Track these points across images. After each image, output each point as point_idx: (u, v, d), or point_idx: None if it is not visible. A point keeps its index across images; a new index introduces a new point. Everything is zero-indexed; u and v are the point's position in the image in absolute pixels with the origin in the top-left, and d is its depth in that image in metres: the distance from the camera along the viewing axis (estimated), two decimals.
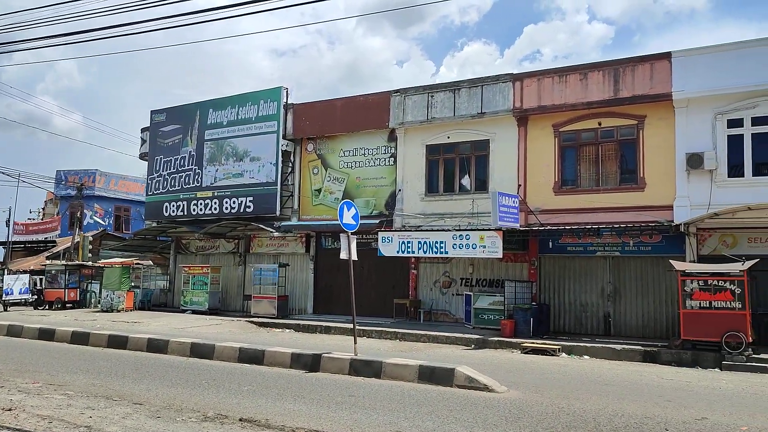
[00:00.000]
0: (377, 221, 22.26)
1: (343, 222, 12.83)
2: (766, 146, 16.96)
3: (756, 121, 17.12)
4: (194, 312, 24.86)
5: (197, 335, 16.75)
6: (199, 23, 13.98)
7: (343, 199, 20.77)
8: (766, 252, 16.61)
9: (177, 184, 27.74)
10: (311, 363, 12.07)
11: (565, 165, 19.93)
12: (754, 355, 14.32)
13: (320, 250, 24.75)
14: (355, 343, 12.59)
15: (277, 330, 20.63)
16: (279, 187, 24.79)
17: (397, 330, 18.81)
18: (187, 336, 16.01)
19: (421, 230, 20.34)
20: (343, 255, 13.02)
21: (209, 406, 8.53)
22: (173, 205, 27.64)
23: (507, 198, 18.50)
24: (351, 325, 13.07)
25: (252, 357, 12.93)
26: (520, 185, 20.20)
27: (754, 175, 17.06)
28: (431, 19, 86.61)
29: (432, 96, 22.07)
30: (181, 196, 27.45)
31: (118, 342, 15.31)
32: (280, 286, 23.44)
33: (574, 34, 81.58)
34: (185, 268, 26.34)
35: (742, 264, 14.92)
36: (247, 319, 22.20)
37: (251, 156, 25.64)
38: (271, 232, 24.65)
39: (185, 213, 27.17)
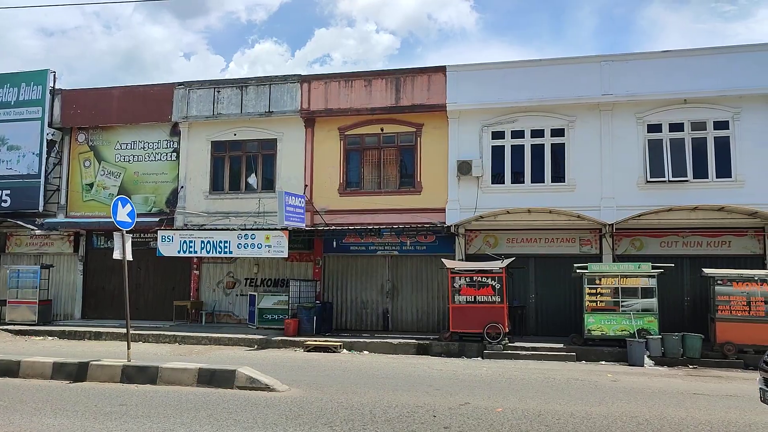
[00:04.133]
0: (157, 219, 21.11)
1: (117, 219, 11.95)
2: (522, 157, 19.07)
3: (514, 135, 19.17)
4: None
5: None
6: None
7: (118, 194, 19.30)
8: (520, 251, 18.67)
9: None
10: (77, 372, 11.03)
11: (350, 167, 20.59)
12: (510, 344, 16.04)
13: (91, 250, 22.78)
14: (129, 348, 11.77)
15: (38, 338, 18.61)
16: (43, 180, 22.33)
17: (176, 333, 18.03)
18: None
19: (205, 229, 19.69)
20: (116, 255, 12.12)
21: None
22: None
23: (293, 198, 18.62)
24: (124, 330, 12.20)
25: (5, 369, 11.44)
26: (306, 186, 20.45)
27: (512, 182, 19.09)
28: (216, 14, 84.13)
29: (219, 91, 21.47)
30: None
31: None
32: (42, 289, 21.08)
33: (363, 41, 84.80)
34: None
35: (502, 262, 16.64)
36: (1, 327, 19.70)
37: (9, 144, 22.79)
38: (32, 230, 22.13)
39: None
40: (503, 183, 19.15)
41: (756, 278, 15.39)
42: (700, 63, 18.03)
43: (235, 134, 21.41)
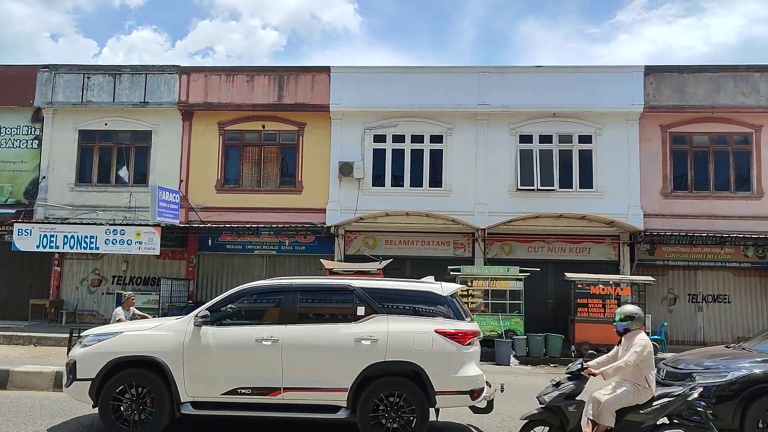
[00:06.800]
0: (14, 211, 19.59)
1: None
2: (403, 161, 19.46)
3: (396, 139, 19.53)
4: None
5: None
6: None
7: None
8: (398, 253, 19.05)
9: None
10: None
11: (229, 164, 20.10)
12: None
13: None
14: None
15: None
16: None
17: (32, 334, 16.78)
18: None
19: (69, 223, 18.46)
20: None
21: None
22: None
23: (168, 193, 17.95)
24: None
25: None
26: (182, 181, 19.73)
27: (392, 185, 19.43)
28: None
29: (89, 78, 20.22)
30: None
31: None
32: None
33: (248, 36, 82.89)
34: None
35: (379, 263, 16.90)
36: None
37: None
38: None
39: None
40: (384, 186, 19.45)
41: (611, 283, 16.64)
42: (568, 79, 19.22)
43: (106, 124, 20.25)
